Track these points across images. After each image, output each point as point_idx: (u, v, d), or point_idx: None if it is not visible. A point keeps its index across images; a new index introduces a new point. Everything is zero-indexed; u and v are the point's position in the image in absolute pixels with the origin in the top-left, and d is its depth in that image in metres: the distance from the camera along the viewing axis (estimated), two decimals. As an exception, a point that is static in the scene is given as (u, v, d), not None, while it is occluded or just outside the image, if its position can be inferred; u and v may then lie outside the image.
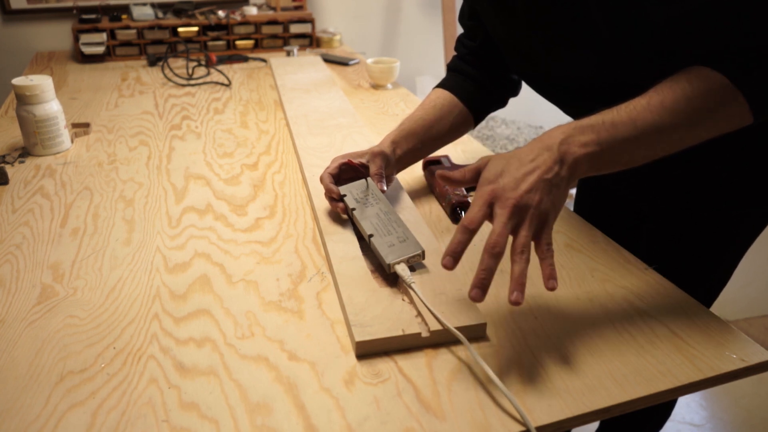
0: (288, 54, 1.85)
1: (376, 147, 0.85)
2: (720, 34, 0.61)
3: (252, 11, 1.92)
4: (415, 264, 0.72)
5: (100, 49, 1.75)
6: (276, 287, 0.72)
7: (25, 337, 0.63)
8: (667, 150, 0.63)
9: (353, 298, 0.67)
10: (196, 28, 1.85)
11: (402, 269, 0.69)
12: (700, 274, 0.89)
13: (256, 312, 0.68)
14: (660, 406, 1.09)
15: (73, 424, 0.53)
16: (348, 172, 0.85)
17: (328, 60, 1.81)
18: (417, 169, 1.01)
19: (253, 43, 1.92)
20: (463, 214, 0.86)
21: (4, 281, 0.73)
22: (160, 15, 1.86)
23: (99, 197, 0.94)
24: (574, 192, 1.15)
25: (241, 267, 0.76)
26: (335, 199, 0.82)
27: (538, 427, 0.53)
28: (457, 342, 0.62)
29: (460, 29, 0.98)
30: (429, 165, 0.99)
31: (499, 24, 0.84)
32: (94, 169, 1.05)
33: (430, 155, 0.96)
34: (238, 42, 1.90)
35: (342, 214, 0.82)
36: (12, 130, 1.23)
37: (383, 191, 0.81)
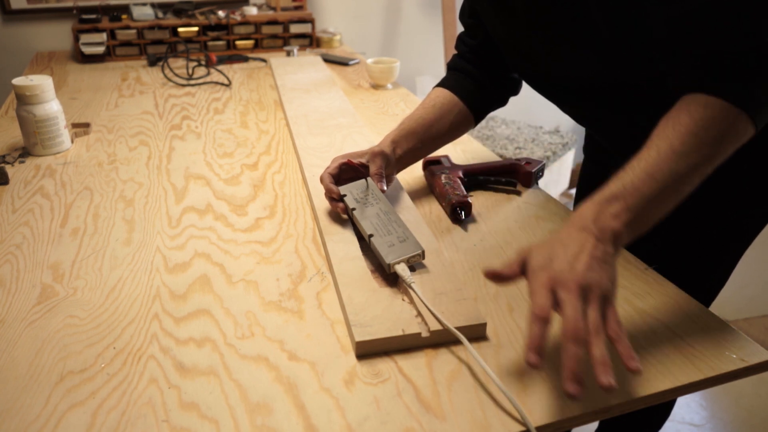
0: (288, 54, 1.85)
1: (376, 147, 0.85)
2: (718, 35, 0.61)
3: (252, 11, 1.92)
4: (415, 264, 0.72)
5: (100, 49, 1.75)
6: (276, 287, 0.72)
7: (25, 337, 0.63)
8: (696, 184, 0.62)
9: (353, 298, 0.67)
10: (196, 28, 1.85)
11: (402, 269, 0.69)
12: (699, 274, 0.89)
13: (256, 312, 0.68)
14: (660, 406, 1.09)
15: (73, 424, 0.53)
16: (348, 172, 0.85)
17: (328, 60, 1.81)
18: (417, 169, 1.01)
19: (253, 43, 1.92)
20: (463, 214, 0.86)
21: (4, 281, 0.73)
22: (160, 15, 1.86)
23: (99, 197, 0.94)
24: (573, 191, 1.15)
25: (241, 267, 0.76)
26: (335, 199, 0.82)
27: (538, 427, 0.53)
28: (457, 342, 0.62)
29: (460, 28, 0.98)
30: (429, 165, 0.99)
31: (499, 24, 0.84)
32: (94, 169, 1.05)
33: (430, 155, 0.96)
34: (238, 42, 1.90)
35: (342, 214, 0.82)
36: (12, 130, 1.23)
37: (383, 191, 0.81)
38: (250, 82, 1.58)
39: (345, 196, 0.81)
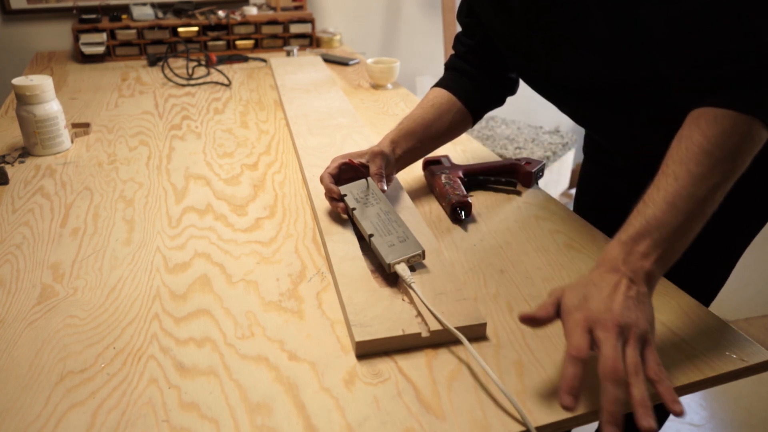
0: (288, 54, 1.85)
1: (376, 147, 0.85)
2: (717, 36, 0.61)
3: (252, 11, 1.92)
4: (415, 264, 0.72)
5: (100, 49, 1.75)
6: (276, 287, 0.72)
7: (25, 337, 0.63)
8: (719, 201, 0.61)
9: (353, 298, 0.67)
10: (196, 28, 1.85)
11: (402, 269, 0.69)
12: (699, 273, 0.89)
13: (256, 312, 0.68)
14: (659, 406, 1.09)
15: (73, 424, 0.53)
16: (348, 172, 0.85)
17: (328, 60, 1.81)
18: (417, 169, 1.01)
19: (253, 43, 1.92)
20: (463, 214, 0.86)
21: (4, 281, 0.73)
22: (160, 15, 1.86)
23: (99, 197, 0.94)
24: (573, 191, 1.15)
25: (241, 267, 0.76)
26: (335, 199, 0.82)
27: (538, 427, 0.53)
28: (457, 342, 0.62)
29: (459, 28, 0.98)
30: (429, 165, 0.99)
31: (499, 24, 0.84)
32: (94, 169, 1.05)
33: (430, 155, 0.96)
34: (238, 42, 1.90)
35: (342, 214, 0.82)
36: (12, 130, 1.23)
37: (383, 191, 0.81)
38: (250, 82, 1.58)
39: (345, 195, 0.81)
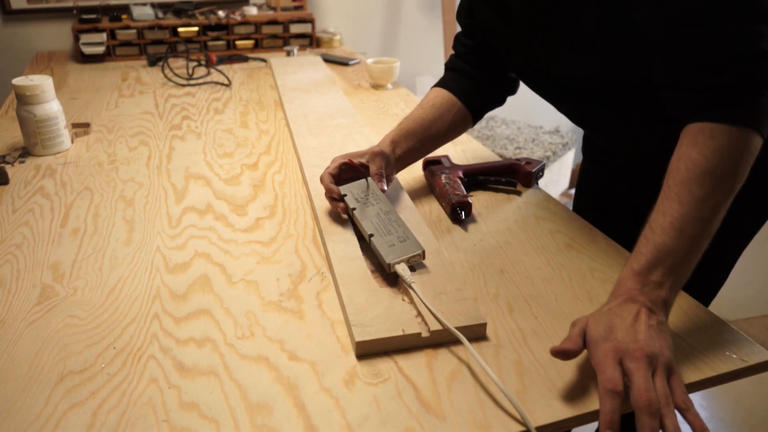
0: (288, 54, 1.85)
1: (376, 147, 0.85)
2: (707, 44, 0.61)
3: (252, 11, 1.92)
4: (415, 264, 0.72)
5: (100, 49, 1.75)
6: (276, 287, 0.72)
7: (25, 337, 0.63)
8: (723, 215, 0.61)
9: (353, 298, 0.67)
10: (196, 28, 1.85)
11: (402, 269, 0.69)
12: (698, 273, 0.89)
13: (256, 312, 0.68)
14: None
15: (73, 424, 0.53)
16: (348, 172, 0.85)
17: (328, 60, 1.81)
18: (417, 169, 1.01)
19: (253, 43, 1.92)
20: (463, 214, 0.86)
21: (4, 281, 0.73)
22: (160, 15, 1.86)
23: (99, 197, 0.94)
24: (573, 191, 1.15)
25: (241, 267, 0.76)
26: (335, 198, 0.82)
27: (538, 427, 0.53)
28: (457, 342, 0.62)
29: (459, 28, 0.98)
30: (429, 165, 0.99)
31: (498, 25, 0.84)
32: (94, 169, 1.05)
33: (430, 155, 0.96)
34: (238, 42, 1.90)
35: (342, 214, 0.82)
36: (12, 130, 1.23)
37: (384, 191, 0.81)
38: (250, 82, 1.58)
39: (345, 195, 0.81)
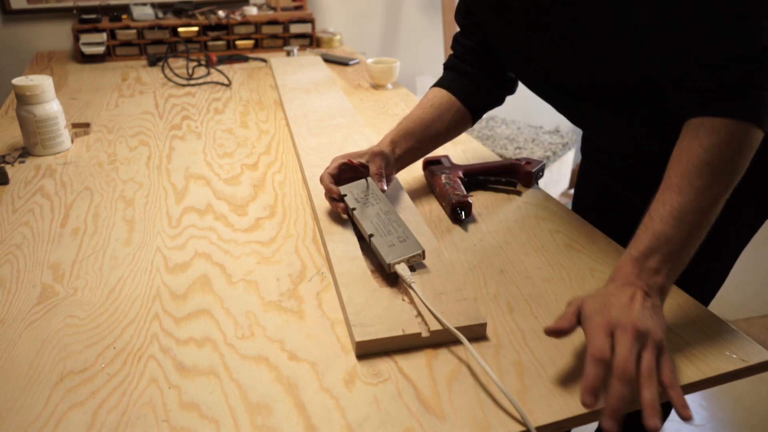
0: (288, 54, 1.85)
1: (376, 147, 0.85)
2: (706, 42, 0.61)
3: (252, 11, 1.92)
4: (415, 264, 0.72)
5: (100, 49, 1.75)
6: (276, 287, 0.72)
7: (25, 337, 0.63)
8: (721, 206, 0.63)
9: (353, 298, 0.67)
10: (196, 28, 1.85)
11: (402, 269, 0.69)
12: (698, 272, 0.89)
13: (256, 312, 0.68)
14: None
15: (73, 424, 0.53)
16: (348, 172, 0.85)
17: (328, 60, 1.81)
18: (417, 169, 1.01)
19: (253, 43, 1.92)
20: (463, 214, 0.86)
21: (4, 281, 0.73)
22: (160, 15, 1.86)
23: (99, 197, 0.94)
24: (572, 191, 1.15)
25: (241, 267, 0.76)
26: (335, 199, 0.82)
27: (538, 427, 0.53)
28: (457, 342, 0.62)
29: (457, 28, 0.98)
30: (429, 165, 0.99)
31: (498, 25, 0.84)
32: (94, 169, 1.05)
33: (430, 155, 0.96)
34: (238, 42, 1.90)
35: (342, 214, 0.82)
36: (12, 130, 1.23)
37: (383, 191, 0.81)
38: (250, 82, 1.58)
39: (345, 195, 0.81)
